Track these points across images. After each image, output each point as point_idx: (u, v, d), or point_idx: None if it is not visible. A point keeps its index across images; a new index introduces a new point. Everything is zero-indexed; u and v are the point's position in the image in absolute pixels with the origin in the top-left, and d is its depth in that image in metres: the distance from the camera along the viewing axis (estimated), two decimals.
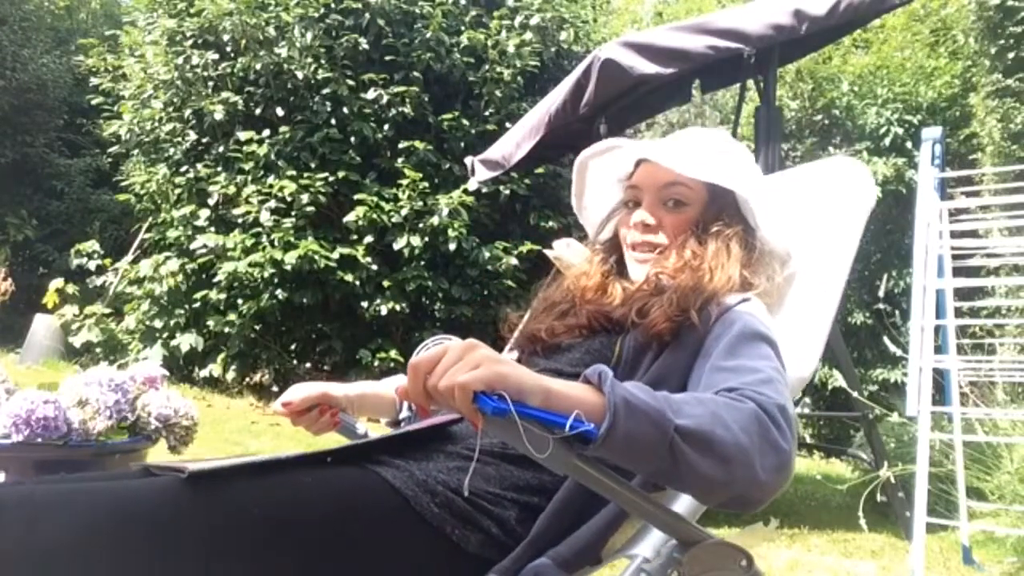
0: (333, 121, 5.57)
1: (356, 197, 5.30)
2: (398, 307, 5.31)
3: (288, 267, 5.04)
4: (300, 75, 5.50)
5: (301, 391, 1.19)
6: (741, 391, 0.83)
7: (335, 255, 5.19)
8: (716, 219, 1.11)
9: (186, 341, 5.49)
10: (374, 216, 5.26)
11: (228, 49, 5.74)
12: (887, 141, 5.71)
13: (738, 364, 0.90)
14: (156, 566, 0.75)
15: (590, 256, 1.24)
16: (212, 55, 5.71)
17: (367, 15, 5.61)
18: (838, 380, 3.04)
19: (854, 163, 1.24)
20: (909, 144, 5.63)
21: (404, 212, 5.29)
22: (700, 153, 1.13)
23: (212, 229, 5.61)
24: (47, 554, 0.71)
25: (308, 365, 5.87)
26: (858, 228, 1.17)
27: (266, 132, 5.55)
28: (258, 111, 5.69)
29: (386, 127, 5.61)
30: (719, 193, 1.12)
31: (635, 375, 1.00)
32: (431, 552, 0.87)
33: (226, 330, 5.41)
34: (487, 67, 5.69)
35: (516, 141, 3.70)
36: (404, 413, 1.28)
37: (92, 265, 6.56)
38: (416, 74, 5.61)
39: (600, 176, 1.24)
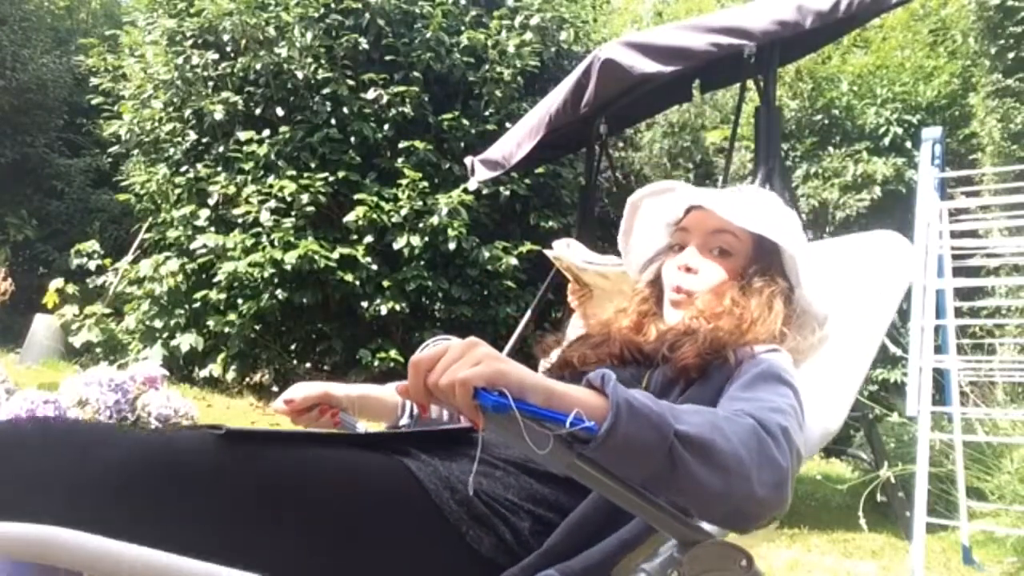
0: (333, 121, 5.57)
1: (356, 197, 5.30)
2: (398, 307, 5.31)
3: (288, 267, 5.04)
4: (300, 75, 5.50)
5: (302, 390, 1.20)
6: (744, 410, 0.85)
7: (335, 255, 5.18)
8: (761, 274, 1.14)
9: (186, 341, 5.49)
10: (374, 216, 5.25)
11: (228, 49, 5.74)
12: (886, 141, 5.71)
13: (753, 396, 0.93)
14: (190, 511, 0.76)
15: (630, 295, 1.27)
16: (212, 55, 5.71)
17: (367, 15, 5.60)
18: None
19: (897, 238, 1.27)
20: (909, 144, 5.63)
21: (404, 212, 5.29)
22: (752, 207, 1.16)
23: (212, 229, 5.61)
24: (98, 481, 0.73)
25: (308, 365, 5.86)
26: (895, 300, 1.20)
27: (266, 132, 5.54)
28: (258, 111, 5.69)
29: (386, 127, 5.61)
30: (766, 249, 1.15)
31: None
32: (444, 547, 0.89)
33: (226, 330, 5.41)
34: (487, 67, 5.69)
35: (517, 141, 3.69)
36: (404, 420, 1.29)
37: (92, 265, 6.56)
38: (416, 74, 5.61)
39: (649, 217, 1.27)
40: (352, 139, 5.57)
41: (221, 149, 5.74)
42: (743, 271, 1.14)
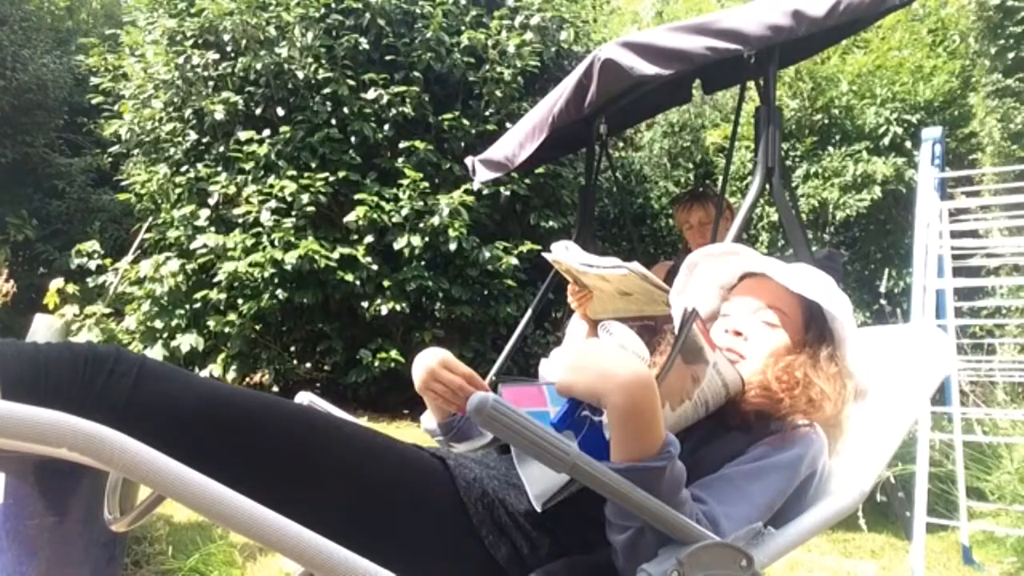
0: (333, 121, 5.57)
1: (356, 197, 5.30)
2: (398, 307, 5.31)
3: (288, 267, 5.04)
4: (300, 75, 5.50)
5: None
6: (711, 512, 0.90)
7: (335, 255, 5.18)
8: (819, 348, 1.15)
9: (186, 341, 5.49)
10: (374, 216, 5.25)
11: (228, 49, 5.74)
12: (886, 141, 5.70)
13: (744, 493, 0.96)
14: (225, 462, 0.80)
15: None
16: (212, 55, 5.70)
17: (367, 15, 5.61)
18: None
19: (937, 332, 1.29)
20: (909, 144, 5.62)
21: (404, 212, 5.29)
22: (808, 279, 1.17)
23: (212, 229, 5.61)
24: (146, 414, 0.79)
25: (308, 365, 5.86)
26: (930, 389, 1.22)
27: (266, 132, 5.54)
28: (258, 111, 5.69)
29: (386, 127, 5.61)
30: (816, 325, 1.16)
31: (704, 448, 1.05)
32: (462, 546, 0.91)
33: (226, 330, 5.41)
34: (487, 67, 5.69)
35: (519, 141, 3.68)
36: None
37: (92, 265, 6.55)
38: (416, 74, 5.61)
39: (704, 277, 1.29)
40: (352, 139, 5.57)
41: (221, 149, 5.74)
42: (798, 344, 1.15)
